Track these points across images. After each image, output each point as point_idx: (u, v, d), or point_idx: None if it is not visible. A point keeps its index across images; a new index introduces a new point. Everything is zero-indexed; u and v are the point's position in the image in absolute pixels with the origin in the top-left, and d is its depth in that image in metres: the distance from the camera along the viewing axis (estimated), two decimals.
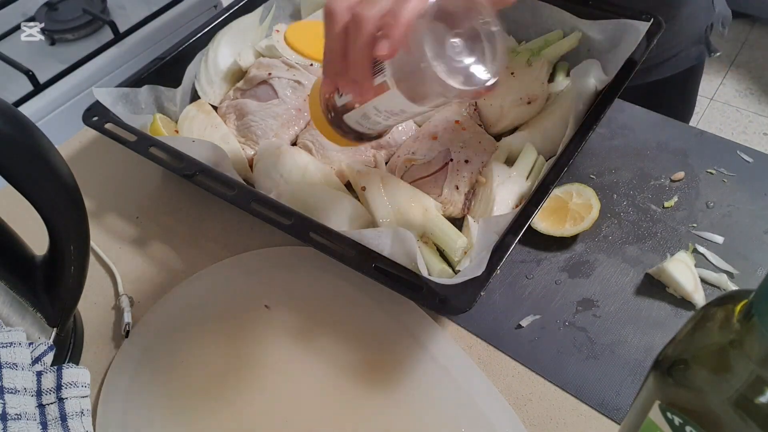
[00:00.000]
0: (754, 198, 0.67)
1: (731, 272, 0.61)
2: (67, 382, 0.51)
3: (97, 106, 0.71)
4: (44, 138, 0.46)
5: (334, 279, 0.63)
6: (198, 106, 0.77)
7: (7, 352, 0.48)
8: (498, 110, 0.71)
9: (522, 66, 0.73)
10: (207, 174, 0.64)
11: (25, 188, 0.46)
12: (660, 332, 0.58)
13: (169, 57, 0.79)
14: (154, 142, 0.67)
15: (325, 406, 0.55)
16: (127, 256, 0.68)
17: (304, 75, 0.77)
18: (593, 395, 0.54)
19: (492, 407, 0.54)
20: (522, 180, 0.65)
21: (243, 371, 0.58)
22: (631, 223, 0.66)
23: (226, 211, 0.71)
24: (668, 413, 0.34)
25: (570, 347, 0.58)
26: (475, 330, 0.60)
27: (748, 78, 2.17)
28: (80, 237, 0.52)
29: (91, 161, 0.79)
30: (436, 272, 0.59)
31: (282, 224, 0.60)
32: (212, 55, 0.81)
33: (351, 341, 0.59)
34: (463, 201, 0.66)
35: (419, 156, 0.68)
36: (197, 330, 0.61)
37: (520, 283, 0.62)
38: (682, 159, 0.72)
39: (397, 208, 0.63)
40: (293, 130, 0.75)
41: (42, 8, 1.21)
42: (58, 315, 0.55)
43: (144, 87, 0.75)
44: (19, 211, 0.51)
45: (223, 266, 0.66)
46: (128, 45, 1.17)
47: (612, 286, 0.62)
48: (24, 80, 1.04)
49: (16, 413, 0.47)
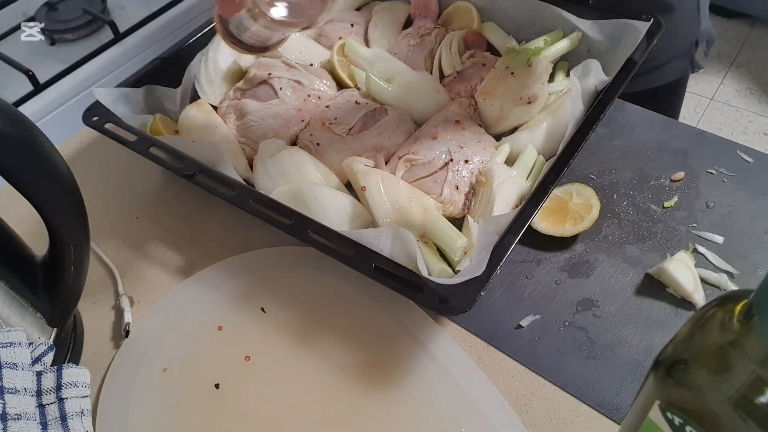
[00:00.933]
0: (754, 198, 0.67)
1: (731, 272, 0.61)
2: (67, 382, 0.51)
3: (97, 106, 0.71)
4: (44, 138, 0.46)
5: (334, 279, 0.63)
6: (198, 106, 0.77)
7: (7, 352, 0.48)
8: (498, 110, 0.71)
9: (522, 66, 0.73)
10: (207, 174, 0.64)
11: (25, 188, 0.46)
12: (660, 332, 0.58)
13: (169, 57, 0.79)
14: (154, 142, 0.67)
15: (325, 406, 0.55)
16: (127, 256, 0.68)
17: (304, 75, 0.77)
18: (593, 395, 0.54)
19: (492, 407, 0.54)
20: (522, 180, 0.65)
21: (243, 371, 0.58)
22: (631, 223, 0.67)
23: (226, 211, 0.71)
24: (668, 413, 0.34)
25: (570, 347, 0.58)
26: (475, 330, 0.60)
27: (748, 78, 2.17)
28: (80, 237, 0.52)
29: (91, 161, 0.79)
30: (436, 272, 0.59)
31: (282, 224, 0.60)
32: (212, 55, 0.81)
33: (351, 341, 0.59)
34: (463, 201, 0.66)
35: (419, 156, 0.68)
36: (197, 330, 0.61)
37: (520, 283, 0.62)
38: (682, 159, 0.72)
39: (397, 208, 0.63)
40: (293, 130, 0.75)
41: (42, 8, 1.21)
42: (58, 315, 0.55)
43: (144, 87, 0.75)
44: (19, 211, 0.51)
45: (223, 266, 0.66)
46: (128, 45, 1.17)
47: (612, 286, 0.62)
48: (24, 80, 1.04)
49: (16, 413, 0.47)
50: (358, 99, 0.74)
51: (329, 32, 0.85)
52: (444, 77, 0.78)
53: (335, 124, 0.73)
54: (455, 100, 0.74)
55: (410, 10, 0.89)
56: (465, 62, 0.78)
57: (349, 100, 0.74)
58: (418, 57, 0.79)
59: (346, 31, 0.84)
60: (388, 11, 0.88)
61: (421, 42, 0.80)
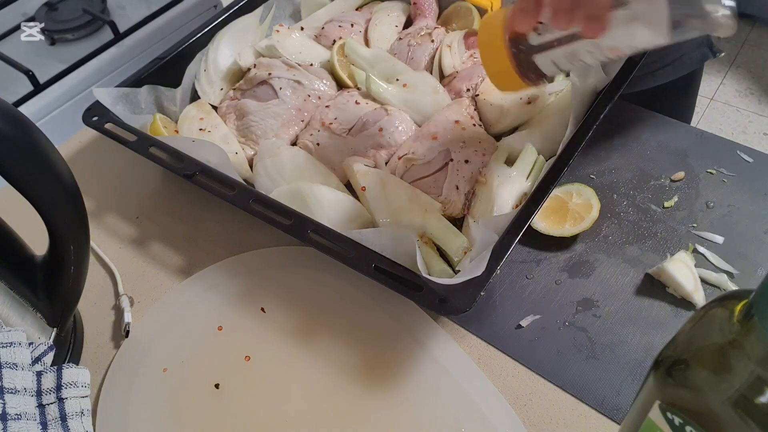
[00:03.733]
0: (754, 198, 0.67)
1: (731, 272, 0.61)
2: (67, 382, 0.51)
3: (97, 106, 0.71)
4: (44, 138, 0.46)
5: (334, 279, 0.63)
6: (198, 106, 0.77)
7: (7, 352, 0.48)
8: (498, 110, 0.71)
9: None
10: (207, 174, 0.64)
11: (25, 188, 0.46)
12: (660, 332, 0.58)
13: (169, 57, 0.79)
14: (154, 142, 0.67)
15: (325, 405, 0.55)
16: (127, 256, 0.68)
17: (304, 75, 0.77)
18: (593, 395, 0.54)
19: (492, 407, 0.54)
20: (522, 180, 0.65)
21: (243, 371, 0.58)
22: (631, 223, 0.66)
23: (226, 211, 0.71)
24: (668, 413, 0.34)
25: (570, 347, 0.58)
26: (475, 330, 0.60)
27: (748, 78, 2.17)
28: (80, 237, 0.52)
29: (91, 161, 0.79)
30: (436, 272, 0.59)
31: (282, 224, 0.60)
32: (212, 55, 0.81)
33: (351, 341, 0.59)
34: (463, 201, 0.66)
35: (419, 156, 0.68)
36: (197, 330, 0.61)
37: (520, 283, 0.62)
38: (682, 159, 0.72)
39: (397, 208, 0.63)
40: (293, 130, 0.75)
41: (42, 8, 1.21)
42: (58, 315, 0.55)
43: (144, 87, 0.75)
44: (19, 211, 0.51)
45: (223, 266, 0.66)
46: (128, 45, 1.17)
47: (612, 286, 0.62)
48: (24, 80, 1.04)
49: (16, 413, 0.47)
50: (358, 99, 0.74)
51: (329, 32, 0.85)
52: (444, 77, 0.78)
53: (335, 124, 0.73)
54: (455, 100, 0.74)
55: (410, 10, 0.89)
56: (465, 62, 0.78)
57: (349, 100, 0.74)
58: (418, 57, 0.79)
59: (346, 31, 0.84)
60: (388, 11, 0.88)
61: (421, 42, 0.80)
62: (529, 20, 0.48)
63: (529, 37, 0.50)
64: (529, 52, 0.50)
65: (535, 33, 0.49)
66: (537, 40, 0.49)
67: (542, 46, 0.49)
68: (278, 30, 0.82)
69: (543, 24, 0.48)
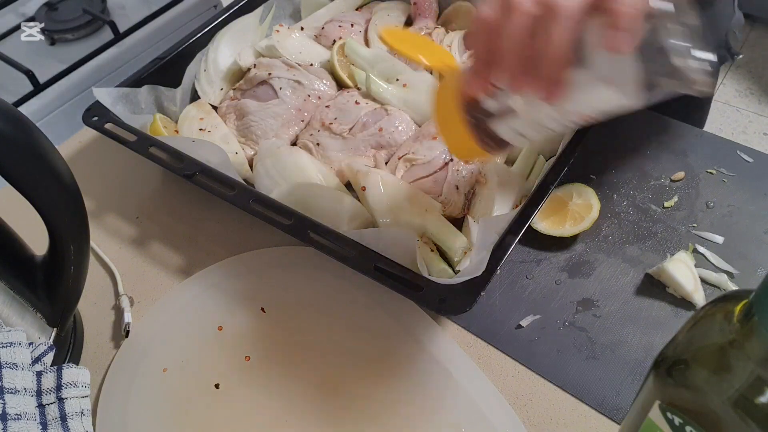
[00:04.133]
0: (754, 198, 0.67)
1: (731, 272, 0.61)
2: (67, 382, 0.51)
3: (97, 106, 0.71)
4: (44, 138, 0.46)
5: (334, 279, 0.63)
6: (198, 106, 0.77)
7: (7, 352, 0.48)
8: None
9: None
10: (207, 174, 0.64)
11: (25, 188, 0.46)
12: (660, 332, 0.58)
13: (169, 57, 0.79)
14: (154, 142, 0.67)
15: (325, 405, 0.55)
16: (127, 256, 0.68)
17: (304, 75, 0.77)
18: (593, 395, 0.54)
19: (492, 407, 0.54)
20: (522, 180, 0.65)
21: (243, 371, 0.57)
22: (631, 223, 0.66)
23: (226, 211, 0.71)
24: (668, 413, 0.34)
25: (570, 347, 0.58)
26: (475, 330, 0.60)
27: (748, 78, 2.17)
28: (80, 237, 0.52)
29: (91, 161, 0.79)
30: (436, 272, 0.59)
31: (282, 224, 0.60)
32: (212, 55, 0.81)
33: (351, 341, 0.59)
34: (463, 201, 0.66)
35: (419, 156, 0.68)
36: (197, 330, 0.61)
37: (520, 283, 0.62)
38: (682, 159, 0.72)
39: (397, 209, 0.63)
40: (293, 130, 0.75)
41: (42, 8, 1.21)
42: (58, 315, 0.55)
43: (144, 87, 0.75)
44: (19, 211, 0.51)
45: (223, 266, 0.66)
46: (128, 45, 1.17)
47: (612, 286, 0.62)
48: (24, 80, 1.04)
49: (16, 413, 0.47)
50: (358, 99, 0.74)
51: (329, 32, 0.85)
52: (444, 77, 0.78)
53: (335, 124, 0.73)
54: None
55: (410, 10, 0.89)
56: (465, 62, 0.78)
57: (349, 100, 0.74)
58: None
59: (346, 31, 0.84)
60: (388, 11, 0.88)
61: None
62: (480, 84, 0.43)
63: (484, 103, 0.44)
64: (487, 120, 0.45)
65: (490, 98, 0.44)
66: (493, 106, 0.44)
67: (500, 113, 0.44)
68: (278, 30, 0.82)
69: (498, 88, 0.44)
